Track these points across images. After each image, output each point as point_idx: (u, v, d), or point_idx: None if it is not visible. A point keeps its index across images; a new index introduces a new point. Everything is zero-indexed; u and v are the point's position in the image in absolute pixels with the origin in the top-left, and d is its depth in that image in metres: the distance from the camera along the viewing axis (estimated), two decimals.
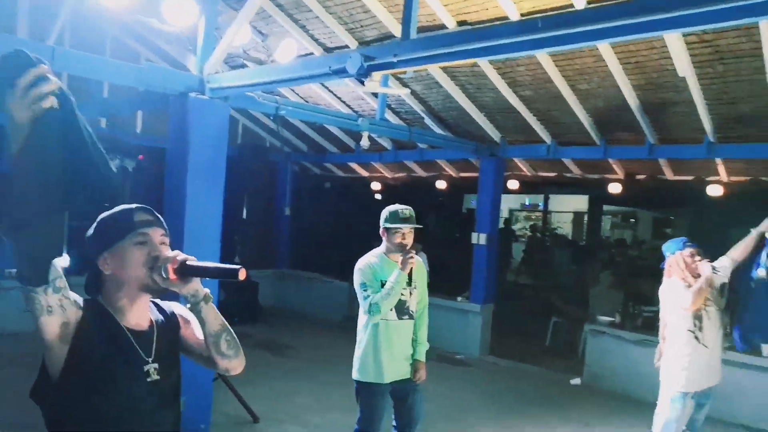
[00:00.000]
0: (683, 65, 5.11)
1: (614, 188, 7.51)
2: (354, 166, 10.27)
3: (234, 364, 1.65)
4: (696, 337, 3.98)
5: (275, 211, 10.38)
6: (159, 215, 1.62)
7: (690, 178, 7.30)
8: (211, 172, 4.51)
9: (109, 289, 1.55)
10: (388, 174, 10.12)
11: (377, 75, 3.27)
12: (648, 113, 6.22)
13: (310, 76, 3.64)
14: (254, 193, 9.73)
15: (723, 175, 6.94)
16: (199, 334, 1.63)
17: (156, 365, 1.54)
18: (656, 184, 7.55)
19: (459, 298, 8.08)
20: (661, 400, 4.16)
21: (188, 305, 1.58)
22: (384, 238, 3.51)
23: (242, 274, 1.45)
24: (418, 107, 7.38)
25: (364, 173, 10.46)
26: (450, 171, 9.30)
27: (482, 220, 7.87)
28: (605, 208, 16.35)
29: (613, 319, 7.00)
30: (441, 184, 9.29)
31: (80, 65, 3.87)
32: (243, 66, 6.60)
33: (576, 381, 6.90)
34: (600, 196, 14.98)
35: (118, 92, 7.34)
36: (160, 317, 1.65)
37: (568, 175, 8.20)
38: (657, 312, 4.40)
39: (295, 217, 10.42)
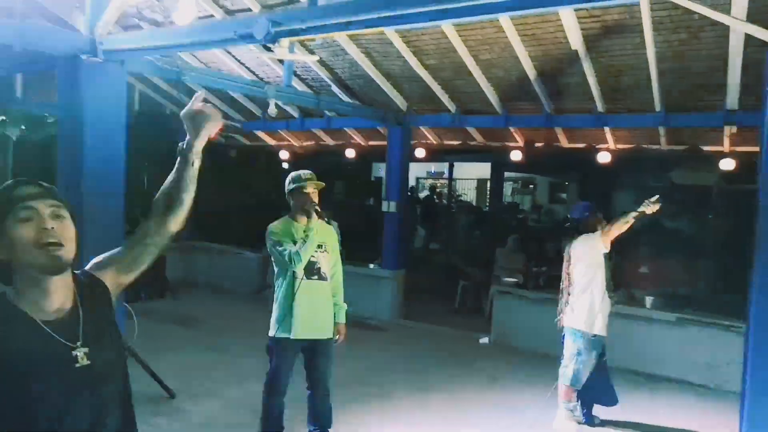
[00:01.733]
0: (575, 39, 5.42)
1: (515, 155, 7.88)
2: (260, 134, 10.05)
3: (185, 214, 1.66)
4: (607, 289, 4.42)
5: None
6: (49, 186, 1.44)
7: (582, 145, 7.81)
8: (109, 142, 4.27)
9: (16, 277, 1.38)
10: (296, 142, 10.00)
11: (285, 41, 3.22)
12: (545, 84, 6.55)
13: (214, 41, 3.52)
14: (155, 163, 9.28)
15: (611, 142, 7.48)
16: (115, 252, 1.58)
17: (86, 349, 1.38)
18: (552, 152, 8.00)
19: (371, 265, 8.23)
20: (568, 353, 4.53)
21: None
22: (291, 204, 3.69)
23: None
24: (324, 75, 7.32)
25: (272, 141, 10.27)
26: (358, 139, 9.34)
27: (392, 188, 8.01)
28: (506, 174, 17.09)
29: (516, 280, 7.44)
30: (350, 153, 9.31)
31: None
32: (137, 27, 6.23)
33: (484, 340, 7.27)
34: (501, 163, 15.67)
35: None
36: (85, 290, 1.46)
37: (472, 143, 8.50)
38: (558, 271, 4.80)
39: (201, 187, 10.04)
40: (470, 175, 18.76)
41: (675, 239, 8.91)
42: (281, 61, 6.56)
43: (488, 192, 17.88)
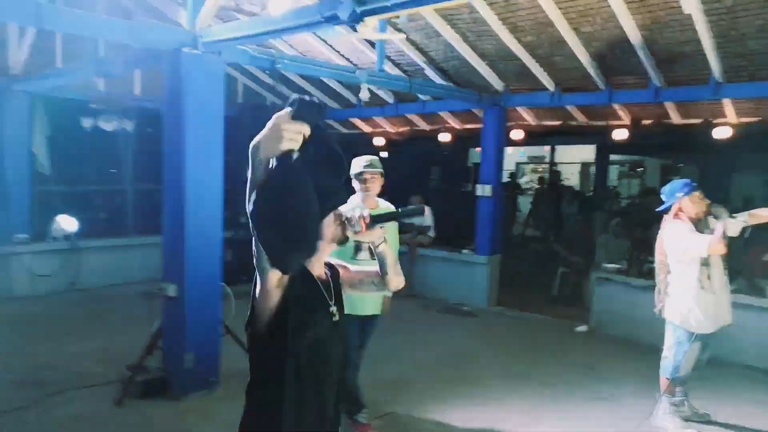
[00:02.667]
0: (689, 1, 4.95)
1: (620, 135, 7.39)
2: (356, 121, 10.17)
3: (401, 281, 2.06)
4: (703, 286, 4.00)
5: None
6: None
7: (698, 121, 7.16)
8: (209, 131, 4.46)
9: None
10: (390, 128, 10.02)
11: (370, 20, 3.18)
12: (653, 54, 6.05)
13: (301, 25, 3.55)
14: None
15: (731, 116, 6.80)
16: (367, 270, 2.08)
17: (336, 307, 1.83)
18: (663, 130, 7.41)
19: (465, 251, 8.09)
20: (668, 344, 4.21)
21: (375, 248, 1.96)
22: (356, 188, 3.77)
23: (427, 212, 1.66)
24: (418, 58, 7.24)
25: (367, 128, 10.36)
26: (453, 123, 9.18)
27: (486, 172, 7.81)
28: (612, 157, 16.14)
29: (619, 266, 7.00)
30: (444, 137, 9.18)
31: (69, 22, 3.79)
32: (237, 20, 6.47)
33: (582, 328, 6.95)
34: (606, 145, 14.77)
35: (114, 52, 7.24)
36: (331, 269, 1.94)
37: (573, 123, 8.08)
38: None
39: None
40: (573, 158, 17.95)
41: None
42: (373, 45, 6.57)
43: (592, 176, 17.02)
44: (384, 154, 10.64)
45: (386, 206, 3.82)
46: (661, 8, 5.28)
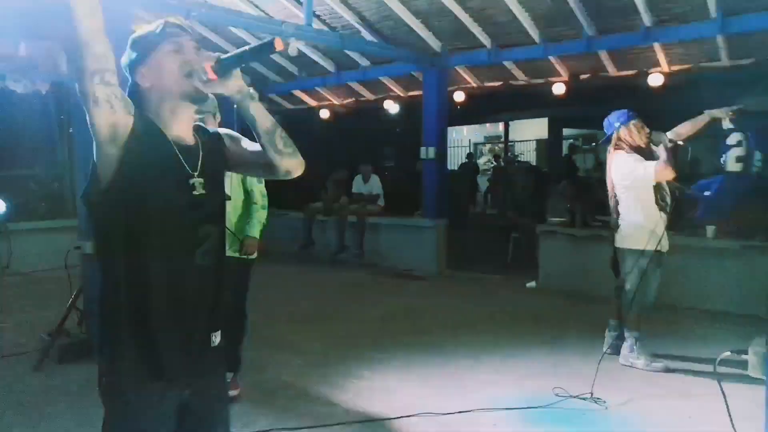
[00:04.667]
0: None
1: (558, 89, 7.39)
2: (300, 95, 9.99)
3: (294, 162, 1.63)
4: (655, 205, 3.99)
5: None
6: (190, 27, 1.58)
7: (632, 72, 7.21)
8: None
9: (150, 102, 1.51)
10: (335, 100, 9.86)
11: None
12: (584, 1, 6.05)
13: None
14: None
15: (664, 64, 6.85)
16: (252, 146, 1.63)
17: (201, 180, 1.51)
18: (601, 83, 7.44)
19: (412, 217, 8.01)
20: (626, 271, 4.12)
21: (235, 105, 1.55)
22: None
23: (278, 44, 1.39)
24: (352, 18, 7.10)
25: (312, 102, 10.19)
26: (397, 91, 9.08)
27: (429, 134, 7.72)
28: (565, 132, 16.32)
29: (563, 219, 7.00)
30: (389, 106, 9.07)
31: None
32: None
33: (531, 284, 6.92)
34: (557, 119, 14.94)
35: None
36: (205, 137, 1.61)
37: (514, 83, 8.05)
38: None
39: None
40: (528, 136, 18.09)
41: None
42: (300, 2, 6.39)
43: (547, 152, 17.15)
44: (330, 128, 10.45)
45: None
46: None
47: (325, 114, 9.93)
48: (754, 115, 7.55)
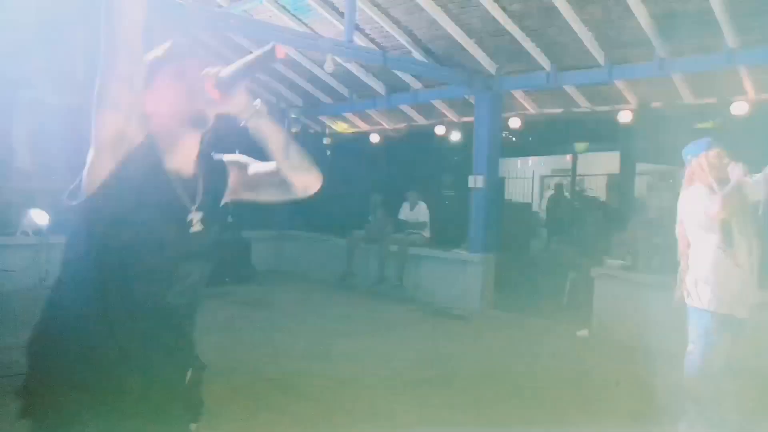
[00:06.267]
0: None
1: (625, 117, 6.65)
2: (352, 117, 9.67)
3: (310, 177, 1.54)
4: (725, 255, 3.25)
5: None
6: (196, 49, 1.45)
7: (712, 100, 6.38)
8: None
9: (153, 129, 1.37)
10: (386, 124, 9.47)
11: None
12: (654, 19, 5.37)
13: None
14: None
15: (750, 91, 6.00)
16: (263, 167, 1.54)
17: (200, 214, 1.41)
18: (674, 112, 6.64)
19: (456, 250, 7.42)
20: (692, 336, 3.40)
21: (243, 123, 1.41)
22: None
23: (279, 51, 1.26)
24: (401, 37, 6.71)
25: (364, 126, 9.84)
26: (450, 115, 8.57)
27: (480, 162, 7.15)
28: (640, 167, 15.21)
29: (623, 261, 6.21)
30: (440, 130, 8.58)
31: None
32: None
33: (583, 332, 6.16)
34: (631, 152, 13.89)
35: None
36: (209, 166, 1.49)
37: (576, 109, 7.37)
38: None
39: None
40: (599, 170, 17.05)
41: None
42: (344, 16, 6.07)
43: (619, 189, 16.06)
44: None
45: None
46: None
47: (375, 138, 9.54)
48: None
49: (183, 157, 1.41)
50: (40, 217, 7.62)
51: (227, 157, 1.56)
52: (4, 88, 7.00)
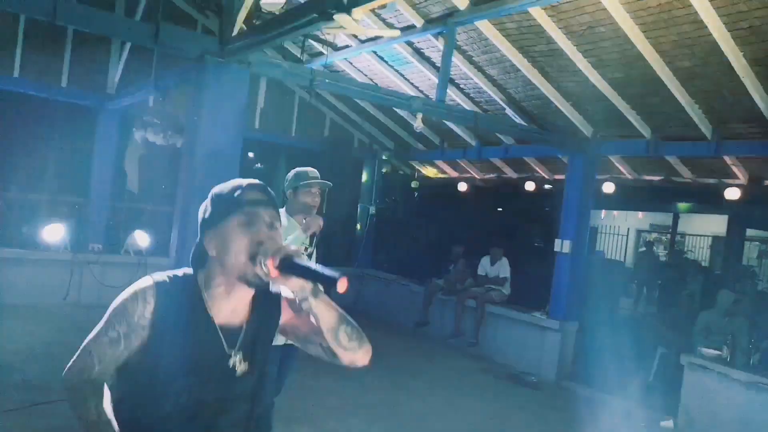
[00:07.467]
0: None
1: (732, 194, 6.19)
2: (442, 165, 9.69)
3: (357, 356, 1.50)
4: None
5: (360, 209, 10.10)
6: (271, 193, 1.45)
7: None
8: (226, 145, 4.23)
9: (211, 271, 1.41)
10: (476, 174, 9.40)
11: (357, 12, 2.75)
12: None
13: (299, 24, 3.21)
14: (338, 188, 9.49)
15: None
16: (316, 325, 1.47)
17: (240, 356, 1.42)
18: None
19: (536, 313, 7.16)
20: None
21: (298, 302, 1.42)
22: (291, 199, 3.41)
23: (342, 285, 1.27)
24: (497, 96, 6.68)
25: (453, 173, 9.83)
26: (541, 171, 8.37)
27: (567, 225, 6.90)
28: (749, 232, 14.06)
29: (719, 352, 5.71)
30: (530, 186, 8.39)
31: (83, 17, 3.79)
32: None
33: (668, 423, 5.71)
34: (740, 217, 12.89)
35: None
36: (261, 307, 1.48)
37: (677, 179, 6.97)
38: None
39: (380, 216, 10.04)
40: (702, 230, 15.96)
41: None
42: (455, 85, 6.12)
43: (724, 252, 14.91)
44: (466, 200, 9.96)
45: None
46: None
47: (463, 187, 9.48)
48: None
49: (231, 309, 1.42)
50: (142, 239, 8.19)
51: (287, 294, 1.54)
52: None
